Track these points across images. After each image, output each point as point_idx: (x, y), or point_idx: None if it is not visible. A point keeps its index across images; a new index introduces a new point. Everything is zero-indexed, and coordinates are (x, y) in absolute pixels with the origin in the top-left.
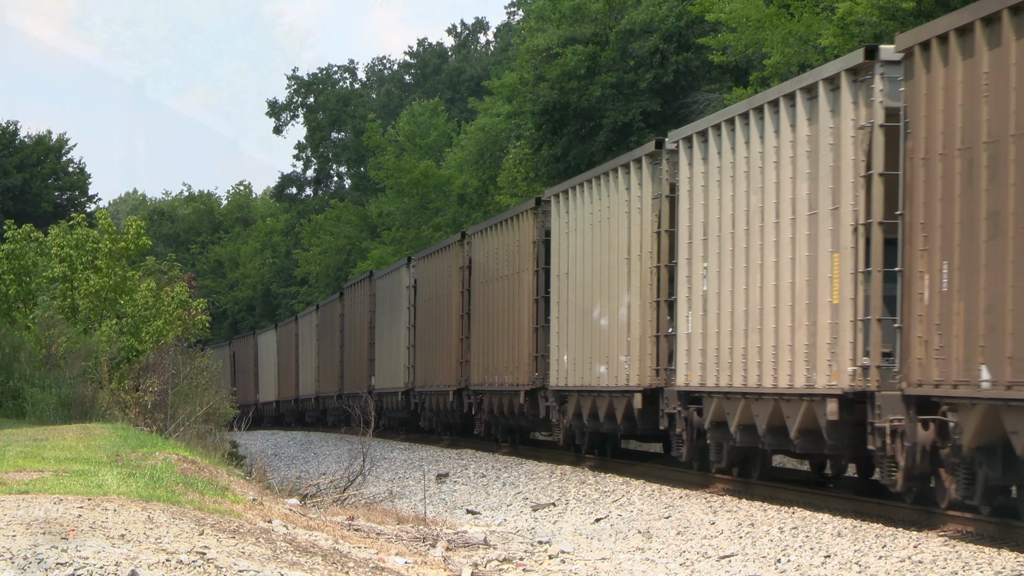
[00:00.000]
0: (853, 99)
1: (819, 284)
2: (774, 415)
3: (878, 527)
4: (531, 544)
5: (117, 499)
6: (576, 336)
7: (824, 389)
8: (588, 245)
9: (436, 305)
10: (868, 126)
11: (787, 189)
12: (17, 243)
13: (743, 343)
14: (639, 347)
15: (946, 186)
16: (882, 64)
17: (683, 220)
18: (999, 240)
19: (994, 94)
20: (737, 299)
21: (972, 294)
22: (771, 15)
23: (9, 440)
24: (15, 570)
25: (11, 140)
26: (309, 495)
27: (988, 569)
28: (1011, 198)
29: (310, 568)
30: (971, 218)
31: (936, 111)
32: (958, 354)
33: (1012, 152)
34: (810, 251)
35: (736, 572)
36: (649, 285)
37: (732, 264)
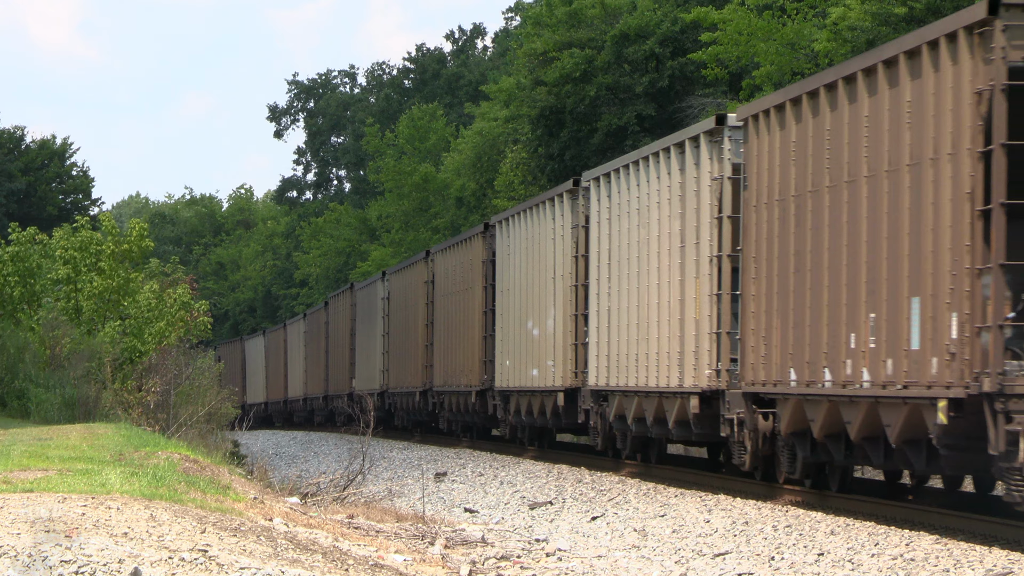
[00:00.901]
0: (709, 155)
1: (686, 303)
2: (658, 409)
3: (871, 525)
4: (528, 542)
5: (120, 498)
6: (515, 344)
7: (690, 388)
8: (524, 266)
9: (406, 315)
10: (719, 178)
11: (665, 225)
12: (22, 245)
13: (635, 350)
14: (562, 353)
15: (768, 228)
16: (730, 128)
17: (593, 247)
18: (801, 272)
19: (799, 158)
20: (631, 314)
21: (784, 313)
22: (762, 26)
23: (14, 439)
24: (20, 567)
25: (16, 144)
26: (309, 494)
27: (979, 567)
28: (808, 239)
29: (310, 565)
30: (783, 254)
31: (762, 168)
32: (776, 360)
33: (809, 203)
34: (680, 276)
35: (730, 570)
36: (569, 301)
37: (627, 284)
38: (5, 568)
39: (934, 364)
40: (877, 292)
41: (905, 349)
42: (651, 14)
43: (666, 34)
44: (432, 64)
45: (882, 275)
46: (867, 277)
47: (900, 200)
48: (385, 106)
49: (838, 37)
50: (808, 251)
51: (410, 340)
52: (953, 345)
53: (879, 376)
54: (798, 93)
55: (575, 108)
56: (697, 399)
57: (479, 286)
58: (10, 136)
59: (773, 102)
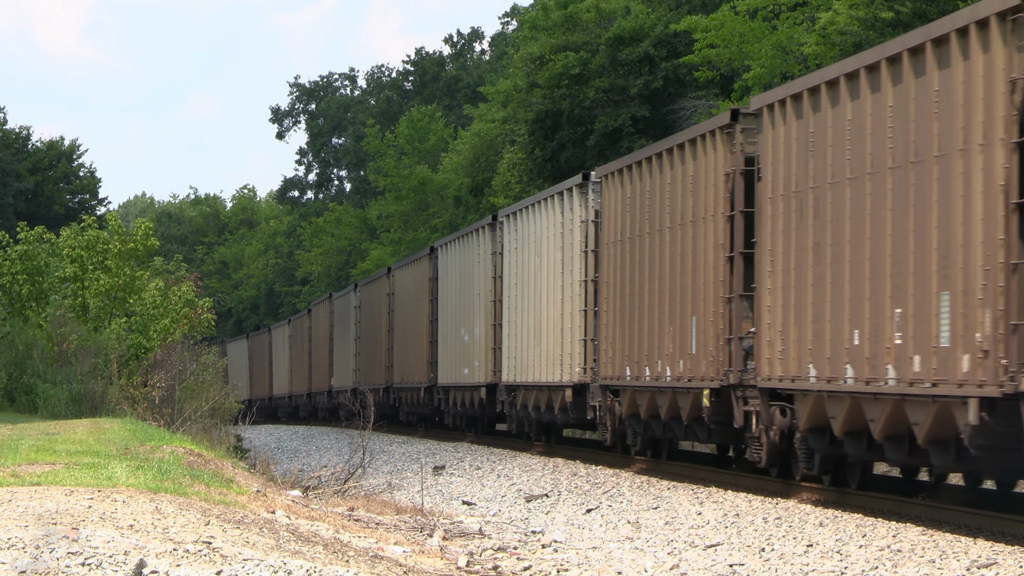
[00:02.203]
0: (580, 203)
1: (564, 317)
2: (549, 399)
3: (858, 517)
4: (525, 534)
5: (126, 491)
6: (451, 348)
7: (567, 382)
8: (458, 284)
9: (372, 323)
10: (585, 221)
11: (551, 255)
12: (30, 244)
13: (532, 353)
14: (484, 356)
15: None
16: (592, 183)
17: (505, 270)
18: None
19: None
20: (530, 324)
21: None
22: (754, 28)
23: (22, 434)
24: (28, 559)
25: (24, 145)
26: (311, 487)
27: (965, 558)
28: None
29: (312, 557)
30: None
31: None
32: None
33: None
34: (560, 296)
35: (722, 560)
36: (490, 313)
37: (527, 301)
38: (14, 559)
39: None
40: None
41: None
42: (645, 17)
43: (660, 37)
44: (431, 67)
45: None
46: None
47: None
48: (385, 108)
49: (826, 41)
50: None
51: (376, 343)
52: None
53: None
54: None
55: (571, 111)
56: (571, 390)
57: (426, 299)
58: (17, 137)
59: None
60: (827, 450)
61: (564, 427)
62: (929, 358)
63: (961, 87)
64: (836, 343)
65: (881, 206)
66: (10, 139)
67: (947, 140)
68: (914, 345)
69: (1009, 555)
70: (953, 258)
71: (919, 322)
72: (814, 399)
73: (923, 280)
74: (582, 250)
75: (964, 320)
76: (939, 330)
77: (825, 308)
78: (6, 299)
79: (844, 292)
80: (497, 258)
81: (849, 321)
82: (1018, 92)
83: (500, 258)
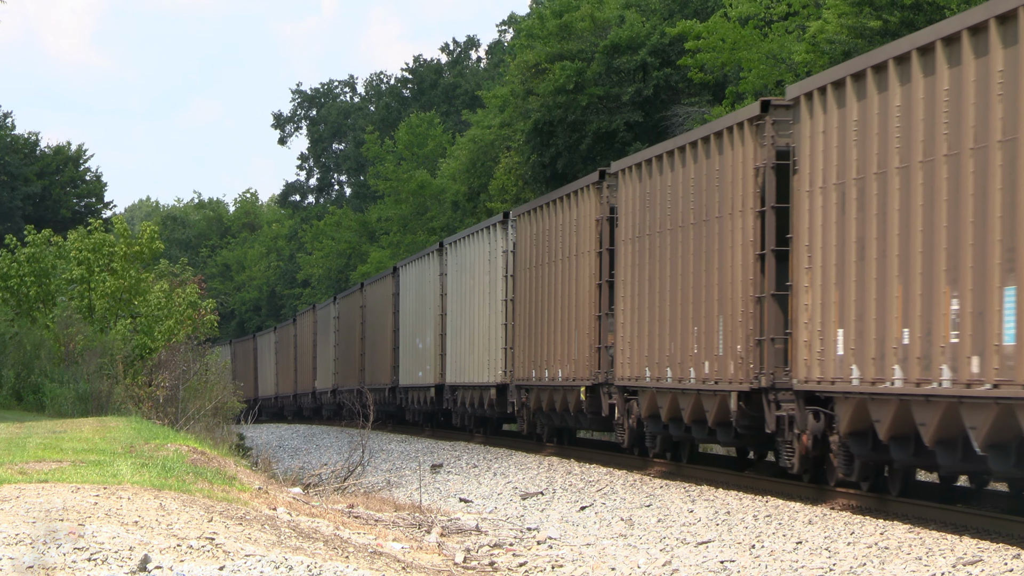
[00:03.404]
0: (502, 236)
1: (491, 329)
2: (481, 396)
3: (847, 515)
4: (520, 531)
5: (131, 488)
6: (409, 355)
7: (491, 382)
8: (414, 301)
9: (349, 332)
10: (506, 251)
11: (482, 278)
12: (37, 247)
13: (468, 359)
14: (433, 361)
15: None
16: (512, 220)
17: (449, 289)
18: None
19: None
20: (466, 335)
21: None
22: (745, 36)
23: (30, 432)
24: (36, 554)
25: (32, 150)
26: (312, 484)
27: (951, 555)
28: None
29: (312, 553)
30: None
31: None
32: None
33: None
34: (488, 312)
35: (713, 557)
36: (437, 325)
37: (465, 316)
38: (21, 554)
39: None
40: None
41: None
42: (639, 26)
43: (654, 45)
44: (429, 74)
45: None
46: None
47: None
48: (384, 114)
49: (816, 49)
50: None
51: (352, 349)
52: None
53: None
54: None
55: (566, 118)
56: (495, 389)
57: (389, 313)
58: (26, 142)
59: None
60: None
61: (497, 421)
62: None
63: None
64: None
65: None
66: (18, 144)
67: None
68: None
69: (994, 552)
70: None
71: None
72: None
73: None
74: (503, 275)
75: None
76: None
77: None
78: (14, 300)
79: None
80: (443, 278)
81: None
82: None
83: (445, 279)
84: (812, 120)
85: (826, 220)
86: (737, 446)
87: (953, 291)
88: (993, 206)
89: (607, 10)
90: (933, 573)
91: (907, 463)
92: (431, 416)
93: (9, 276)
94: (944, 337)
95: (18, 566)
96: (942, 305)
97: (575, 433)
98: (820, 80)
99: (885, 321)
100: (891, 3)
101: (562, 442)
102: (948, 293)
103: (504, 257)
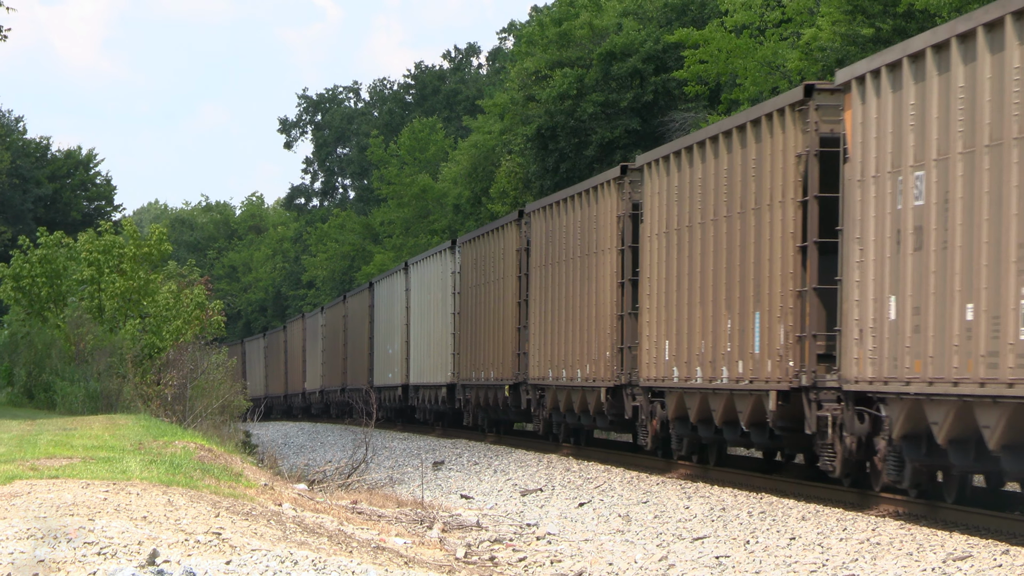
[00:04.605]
0: (452, 260)
1: (444, 337)
2: (439, 394)
3: (839, 511)
4: (520, 526)
5: (140, 484)
6: (381, 358)
7: (442, 382)
8: (385, 313)
9: (333, 339)
10: (455, 272)
11: (436, 295)
12: (49, 248)
13: (425, 362)
14: (400, 364)
15: (877, 206)
16: (459, 247)
17: (412, 302)
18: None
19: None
20: (424, 343)
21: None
22: (740, 45)
23: (41, 429)
24: (47, 548)
25: (44, 153)
26: (316, 481)
27: (941, 551)
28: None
29: (317, 547)
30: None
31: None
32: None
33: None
34: (441, 323)
35: (708, 553)
36: (403, 333)
37: (424, 326)
38: (33, 548)
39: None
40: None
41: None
42: (636, 34)
43: (650, 52)
44: (431, 80)
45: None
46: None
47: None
48: (388, 119)
49: (809, 56)
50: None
51: (335, 354)
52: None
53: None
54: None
55: (567, 123)
56: (445, 389)
57: (366, 322)
58: (38, 146)
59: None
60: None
61: (441, 416)
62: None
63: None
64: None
65: (1003, 182)
66: (30, 148)
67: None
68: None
69: (983, 548)
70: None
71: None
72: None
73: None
74: (452, 292)
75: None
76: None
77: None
78: (26, 300)
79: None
80: (407, 294)
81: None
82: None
83: (409, 294)
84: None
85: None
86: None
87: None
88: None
89: (606, 18)
90: (923, 568)
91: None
92: (400, 412)
93: (21, 277)
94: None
95: (29, 560)
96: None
97: (592, 434)
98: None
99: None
100: (884, 11)
101: (579, 443)
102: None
103: (454, 278)
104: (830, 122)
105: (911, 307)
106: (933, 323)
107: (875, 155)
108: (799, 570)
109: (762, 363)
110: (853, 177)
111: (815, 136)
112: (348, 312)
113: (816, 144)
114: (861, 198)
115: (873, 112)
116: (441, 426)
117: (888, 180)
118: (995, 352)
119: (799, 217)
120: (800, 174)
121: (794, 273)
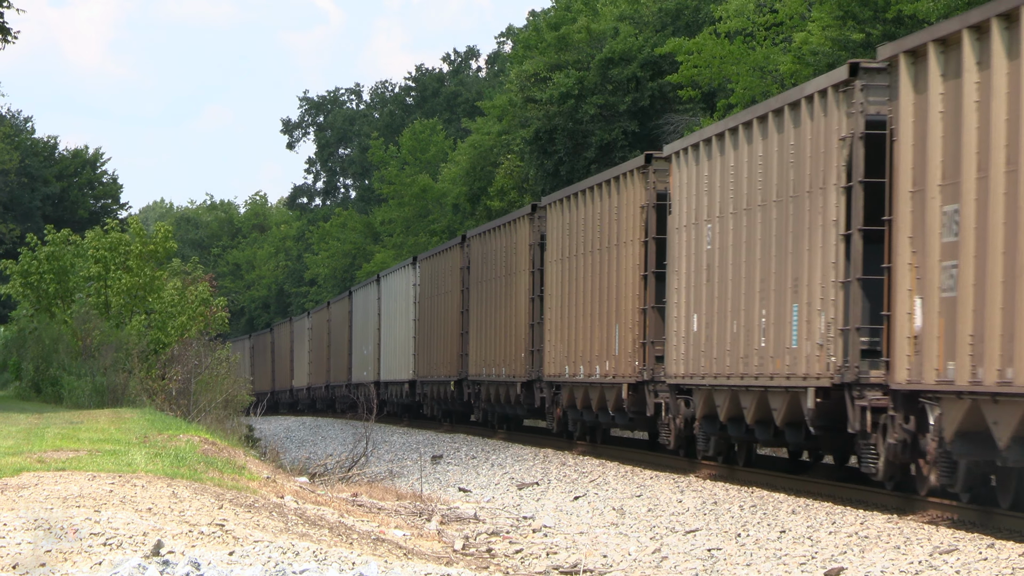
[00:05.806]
0: (414, 274)
1: (407, 340)
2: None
3: (828, 505)
4: (517, 519)
5: (145, 476)
6: (358, 358)
7: (405, 379)
8: (362, 320)
9: (319, 341)
10: (416, 285)
11: (402, 303)
12: (56, 246)
13: (393, 361)
14: (372, 364)
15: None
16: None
17: (383, 310)
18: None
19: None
20: (392, 344)
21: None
22: (732, 51)
23: (48, 423)
24: (53, 538)
25: (52, 153)
26: (317, 474)
27: (928, 544)
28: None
29: (318, 539)
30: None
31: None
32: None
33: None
34: (407, 327)
35: (700, 545)
36: (375, 336)
37: (393, 332)
38: (40, 539)
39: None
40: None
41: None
42: (632, 39)
43: (646, 58)
44: (431, 83)
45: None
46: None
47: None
48: (388, 121)
49: (801, 61)
50: (1001, 223)
51: (321, 355)
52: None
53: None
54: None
55: (566, 125)
56: (408, 384)
57: (346, 326)
58: (45, 145)
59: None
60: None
61: (408, 408)
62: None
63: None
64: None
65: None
66: (38, 147)
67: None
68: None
69: (969, 542)
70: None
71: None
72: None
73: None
74: (413, 302)
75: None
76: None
77: (992, 307)
78: (34, 296)
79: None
80: (379, 302)
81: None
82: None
83: (380, 303)
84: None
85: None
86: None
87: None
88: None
89: (602, 22)
90: (911, 561)
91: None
92: (383, 405)
93: (30, 273)
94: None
95: (36, 550)
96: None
97: (608, 432)
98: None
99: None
100: (874, 17)
101: (594, 440)
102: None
103: (413, 291)
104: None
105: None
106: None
107: (685, 210)
108: (788, 562)
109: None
110: (674, 225)
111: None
112: (331, 316)
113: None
114: (678, 241)
115: (684, 178)
116: (449, 422)
117: (693, 229)
118: (747, 356)
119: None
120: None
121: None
